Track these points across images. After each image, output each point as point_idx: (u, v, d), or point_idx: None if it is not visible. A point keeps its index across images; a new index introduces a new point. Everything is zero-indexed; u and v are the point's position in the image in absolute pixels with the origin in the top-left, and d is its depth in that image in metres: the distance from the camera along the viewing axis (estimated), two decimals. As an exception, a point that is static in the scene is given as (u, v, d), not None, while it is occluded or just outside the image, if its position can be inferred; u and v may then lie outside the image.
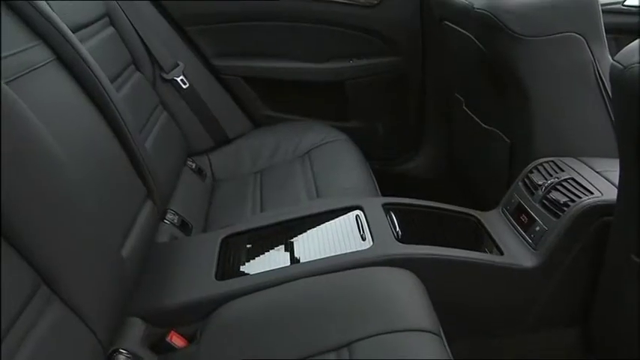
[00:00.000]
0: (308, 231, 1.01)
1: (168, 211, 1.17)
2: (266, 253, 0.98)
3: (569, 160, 0.98)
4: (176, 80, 1.40)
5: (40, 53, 0.85)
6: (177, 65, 1.42)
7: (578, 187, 0.89)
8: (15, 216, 0.61)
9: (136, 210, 0.99)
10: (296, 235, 1.00)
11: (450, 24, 1.22)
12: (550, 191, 0.92)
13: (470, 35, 1.11)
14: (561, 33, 0.95)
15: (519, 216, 0.99)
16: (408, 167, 1.71)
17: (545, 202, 0.93)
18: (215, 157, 1.51)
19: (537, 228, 0.92)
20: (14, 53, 0.77)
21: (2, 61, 0.71)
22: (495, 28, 0.97)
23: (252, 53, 1.58)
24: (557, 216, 0.89)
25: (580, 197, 0.87)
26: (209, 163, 1.50)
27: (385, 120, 1.67)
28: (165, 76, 1.39)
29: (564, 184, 0.91)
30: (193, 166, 1.43)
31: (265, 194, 1.31)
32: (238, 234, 1.04)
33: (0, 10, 0.80)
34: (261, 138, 1.54)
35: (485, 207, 1.11)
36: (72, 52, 0.91)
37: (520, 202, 0.99)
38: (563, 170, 0.95)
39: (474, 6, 1.02)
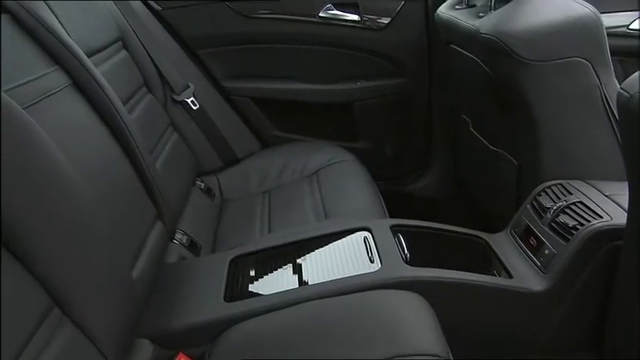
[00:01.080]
0: (316, 252, 1.01)
1: (177, 231, 1.18)
2: (274, 275, 0.98)
3: (577, 184, 0.98)
4: (186, 102, 1.43)
5: (57, 79, 0.87)
6: (188, 87, 1.45)
7: (587, 210, 0.89)
8: (29, 238, 0.62)
9: (146, 231, 1.00)
10: (304, 257, 1.00)
11: (457, 47, 1.24)
12: (559, 214, 0.92)
13: (476, 59, 1.13)
14: (567, 58, 0.96)
15: (528, 239, 0.98)
16: (416, 188, 1.72)
17: (554, 225, 0.92)
18: (224, 176, 1.52)
19: (546, 251, 0.92)
20: (33, 79, 0.80)
21: (21, 88, 0.74)
22: (502, 53, 0.98)
23: (261, 75, 1.61)
24: (566, 239, 0.88)
25: (589, 221, 0.87)
26: (218, 183, 1.51)
27: (392, 140, 1.68)
28: (176, 97, 1.42)
29: (573, 207, 0.91)
30: (202, 185, 1.44)
31: (273, 214, 1.32)
32: (247, 255, 1.05)
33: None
34: (270, 158, 1.56)
35: (493, 229, 1.11)
36: (87, 76, 0.93)
37: (528, 225, 0.99)
38: (571, 193, 0.95)
39: (480, 31, 1.03)
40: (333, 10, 1.51)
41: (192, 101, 1.44)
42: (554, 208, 0.93)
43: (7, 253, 0.59)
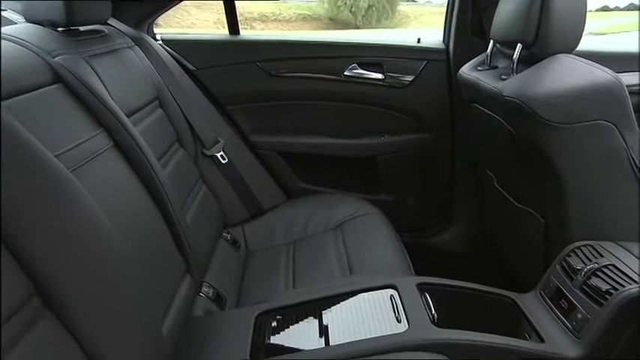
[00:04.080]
0: (342, 310, 1.01)
1: (204, 283, 1.20)
2: (299, 332, 0.97)
3: (607, 245, 0.96)
4: (216, 156, 1.48)
5: (101, 141, 0.93)
6: (218, 142, 1.50)
7: (619, 274, 0.88)
8: (65, 294, 0.64)
9: (176, 285, 1.02)
10: (330, 314, 1.00)
11: (479, 106, 1.27)
12: (590, 277, 0.90)
13: (499, 118, 1.15)
14: (592, 121, 0.98)
15: (559, 301, 0.96)
16: (440, 241, 1.71)
17: (585, 288, 0.91)
18: (249, 228, 1.55)
19: (579, 315, 0.89)
20: (80, 143, 0.85)
21: (70, 152, 0.79)
22: (526, 115, 1.00)
23: (288, 129, 1.66)
24: (599, 304, 0.86)
25: (623, 285, 0.85)
26: (243, 234, 1.53)
27: (416, 193, 1.70)
28: (206, 152, 1.47)
29: (605, 270, 0.90)
30: (228, 237, 1.46)
31: (298, 268, 1.32)
32: (272, 311, 1.05)
33: None
34: (294, 210, 1.58)
35: (520, 287, 1.09)
36: (127, 137, 0.99)
37: (559, 287, 0.97)
38: (602, 255, 0.94)
39: (503, 93, 1.06)
40: (357, 69, 1.58)
41: (221, 155, 1.49)
42: (585, 270, 0.92)
43: (44, 309, 0.61)
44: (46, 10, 0.99)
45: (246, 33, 1.67)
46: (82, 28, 1.10)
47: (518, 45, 1.07)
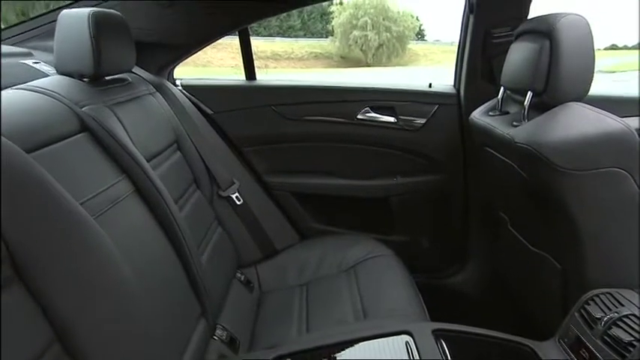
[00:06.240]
0: (356, 356, 1.00)
1: (218, 326, 1.19)
2: (314, 380, 0.96)
3: (627, 293, 0.95)
4: (231, 197, 1.51)
5: (123, 187, 0.96)
6: (233, 183, 1.53)
7: (640, 324, 0.86)
8: (84, 339, 0.65)
9: (191, 329, 1.02)
10: (344, 361, 0.99)
11: (491, 150, 1.29)
12: (611, 327, 0.89)
13: (512, 163, 1.16)
14: (606, 168, 0.98)
15: (579, 350, 0.94)
16: (454, 282, 1.70)
17: (606, 338, 0.89)
18: (262, 268, 1.55)
19: (601, 366, 0.87)
20: (104, 190, 0.88)
21: (94, 199, 0.82)
22: (538, 161, 1.02)
23: (302, 170, 1.69)
24: (622, 355, 0.84)
25: (644, 337, 0.83)
26: (257, 275, 1.54)
27: (429, 234, 1.70)
28: (222, 193, 1.50)
29: (626, 320, 0.88)
30: (242, 278, 1.47)
31: (311, 311, 1.32)
32: (285, 356, 1.04)
33: None
34: (308, 250, 1.58)
35: (536, 330, 1.07)
36: (148, 183, 1.02)
37: (579, 336, 0.95)
38: (622, 305, 0.92)
39: (515, 140, 1.08)
40: (370, 112, 1.62)
41: (236, 196, 1.52)
42: (606, 319, 0.90)
43: (64, 355, 0.62)
44: (76, 63, 1.05)
45: (260, 71, 1.72)
46: (107, 77, 1.16)
47: (529, 93, 1.10)
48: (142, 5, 1.43)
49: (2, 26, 1.43)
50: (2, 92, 0.90)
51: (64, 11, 1.08)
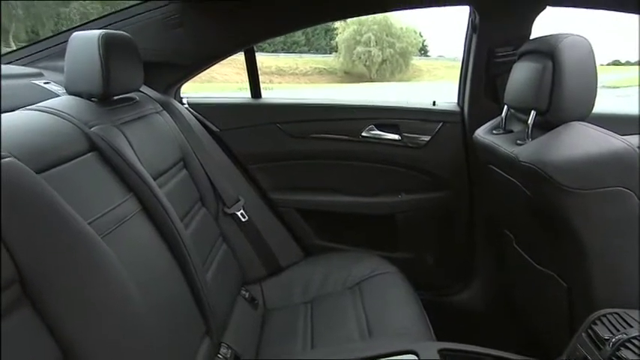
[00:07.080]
0: (362, 376, 1.00)
1: (222, 344, 1.19)
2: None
3: (634, 314, 0.94)
4: (236, 214, 1.51)
5: (130, 206, 0.97)
6: (239, 200, 1.54)
7: (648, 345, 0.85)
8: (88, 352, 0.65)
9: (196, 347, 1.02)
10: (349, 381, 0.98)
11: (496, 168, 1.29)
12: (619, 348, 0.88)
13: (516, 182, 1.17)
14: (611, 187, 0.98)
15: (587, 371, 0.93)
16: (459, 299, 1.69)
17: (615, 360, 0.88)
18: (267, 286, 1.55)
19: (609, 388, 0.86)
20: (111, 209, 0.89)
21: (102, 218, 0.82)
22: (543, 180, 1.02)
23: (307, 187, 1.70)
24: (630, 378, 0.84)
25: (653, 359, 0.82)
26: (261, 292, 1.53)
27: (434, 251, 1.69)
28: (227, 210, 1.51)
29: (634, 341, 0.87)
30: (247, 295, 1.47)
31: (316, 329, 1.31)
32: (290, 376, 1.04)
33: None
34: (312, 267, 1.58)
35: (542, 348, 1.06)
36: (154, 201, 1.03)
37: (586, 356, 0.94)
38: (631, 325, 0.91)
39: (519, 159, 1.08)
40: (374, 130, 1.63)
41: (241, 213, 1.52)
42: (614, 340, 0.89)
43: None
44: (86, 84, 1.07)
45: (264, 86, 1.75)
46: (115, 97, 1.18)
47: (532, 112, 1.10)
48: (152, 26, 1.46)
49: (14, 44, 1.46)
50: (15, 113, 0.92)
51: (76, 33, 1.11)
